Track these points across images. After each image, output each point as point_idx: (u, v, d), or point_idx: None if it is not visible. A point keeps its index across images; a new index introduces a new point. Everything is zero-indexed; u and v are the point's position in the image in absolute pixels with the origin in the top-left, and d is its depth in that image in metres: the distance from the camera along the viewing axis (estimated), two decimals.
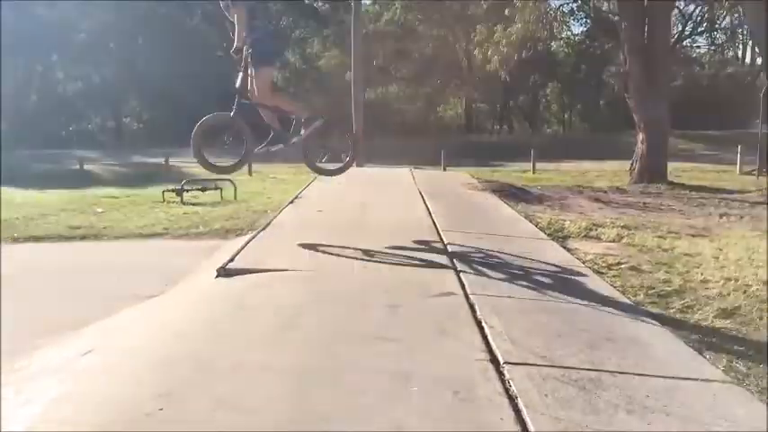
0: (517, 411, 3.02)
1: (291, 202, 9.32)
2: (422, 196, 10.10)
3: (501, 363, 3.57)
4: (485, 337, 3.94)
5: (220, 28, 43.79)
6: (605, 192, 14.16)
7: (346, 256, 5.91)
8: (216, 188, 12.82)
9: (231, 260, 5.58)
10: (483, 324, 4.17)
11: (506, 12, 18.61)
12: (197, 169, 7.78)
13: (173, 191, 12.77)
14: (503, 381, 3.34)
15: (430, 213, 8.50)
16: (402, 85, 48.45)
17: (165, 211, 10.94)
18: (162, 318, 4.60)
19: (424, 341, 3.87)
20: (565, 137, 40.53)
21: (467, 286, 5.03)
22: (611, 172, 20.83)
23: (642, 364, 3.72)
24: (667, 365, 3.75)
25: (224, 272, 5.29)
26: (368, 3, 50.16)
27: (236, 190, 12.78)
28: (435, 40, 46.33)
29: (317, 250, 6.11)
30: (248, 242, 6.43)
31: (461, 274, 5.37)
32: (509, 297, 4.85)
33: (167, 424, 2.77)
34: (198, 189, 12.91)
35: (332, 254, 6.00)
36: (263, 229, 7.20)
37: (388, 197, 10.29)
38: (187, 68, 39.12)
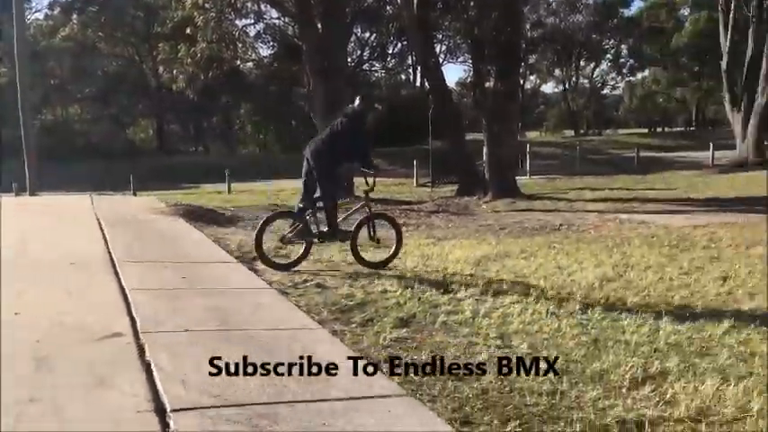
0: None
1: None
2: (100, 226, 9.16)
3: (167, 411, 3.15)
4: (152, 383, 3.48)
5: None
6: None
7: None
8: None
9: None
10: (152, 367, 3.71)
11: (188, 31, 18.12)
12: None
13: None
14: None
15: (107, 244, 7.70)
16: (85, 105, 44.85)
17: None
18: None
19: (76, 397, 3.28)
20: (261, 157, 40.94)
21: (138, 324, 4.50)
22: None
23: (323, 389, 3.57)
24: (348, 386, 3.64)
25: None
26: (40, 18, 45.84)
27: None
28: (119, 59, 43.81)
29: None
30: None
31: (133, 311, 4.82)
32: (186, 331, 4.43)
33: None
34: None
35: None
36: None
37: (56, 228, 9.14)
38: None
